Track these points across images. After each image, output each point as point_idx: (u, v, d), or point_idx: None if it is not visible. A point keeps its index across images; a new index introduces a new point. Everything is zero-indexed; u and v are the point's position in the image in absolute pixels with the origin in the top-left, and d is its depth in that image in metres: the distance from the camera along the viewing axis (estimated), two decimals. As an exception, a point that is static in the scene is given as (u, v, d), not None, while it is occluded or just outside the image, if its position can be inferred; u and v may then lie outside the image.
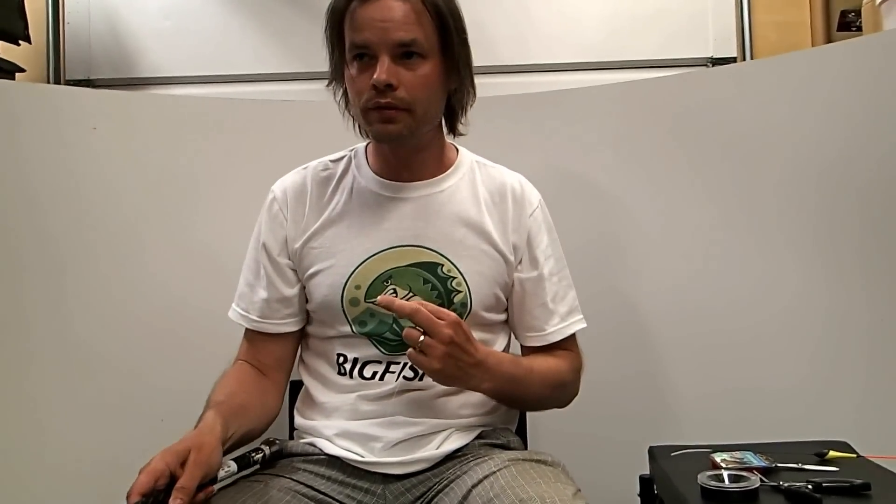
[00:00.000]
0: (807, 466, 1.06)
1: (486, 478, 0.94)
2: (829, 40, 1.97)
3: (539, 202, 1.14)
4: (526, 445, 1.19)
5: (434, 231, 1.07)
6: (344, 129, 1.11)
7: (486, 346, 1.01)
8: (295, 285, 1.11)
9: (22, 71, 1.77)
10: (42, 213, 1.44)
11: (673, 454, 1.16)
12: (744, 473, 0.99)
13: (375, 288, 1.05)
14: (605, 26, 2.04)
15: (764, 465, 1.06)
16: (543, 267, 1.11)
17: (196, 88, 2.05)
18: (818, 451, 1.11)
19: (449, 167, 1.12)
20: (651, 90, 1.56)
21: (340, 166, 1.14)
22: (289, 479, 0.99)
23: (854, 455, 1.11)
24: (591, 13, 2.05)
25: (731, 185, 1.48)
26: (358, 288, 1.05)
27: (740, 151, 1.47)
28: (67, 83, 2.06)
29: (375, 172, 1.11)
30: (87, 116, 1.49)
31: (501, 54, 2.00)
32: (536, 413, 1.23)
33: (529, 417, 1.25)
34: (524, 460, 0.98)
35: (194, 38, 2.08)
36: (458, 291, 1.06)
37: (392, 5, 0.98)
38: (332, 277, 1.06)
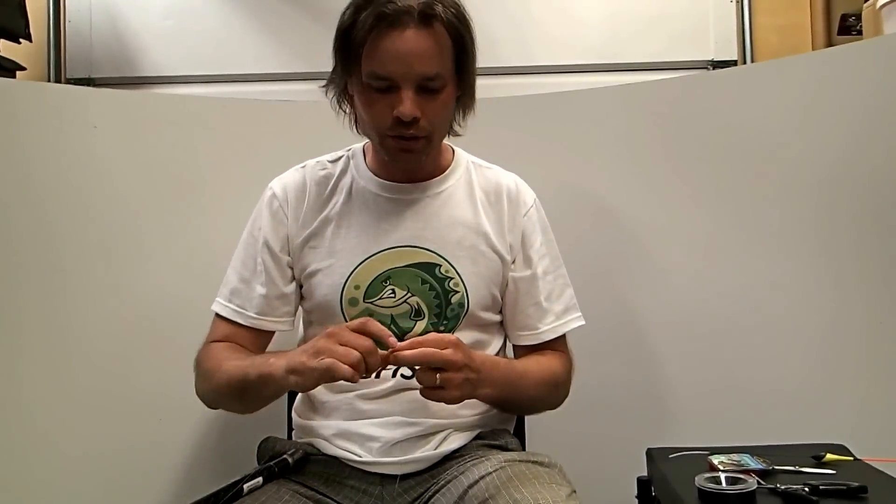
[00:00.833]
0: (804, 469, 1.06)
1: (482, 479, 0.94)
2: (829, 44, 1.96)
3: (534, 202, 1.15)
4: (524, 446, 1.19)
5: (432, 232, 1.08)
6: (344, 129, 1.11)
7: (479, 353, 1.01)
8: (291, 283, 1.11)
9: (23, 69, 1.77)
10: (42, 211, 1.44)
11: (670, 456, 1.16)
12: (741, 476, 1.00)
13: (374, 288, 1.05)
14: (606, 29, 2.04)
15: (761, 467, 1.06)
16: (537, 266, 1.11)
17: (197, 88, 2.05)
18: (815, 454, 1.11)
19: (446, 168, 1.13)
20: (652, 92, 1.56)
21: (338, 166, 1.14)
22: (287, 478, 1.00)
23: (851, 458, 1.12)
24: (592, 15, 2.05)
25: (731, 187, 1.48)
26: (357, 288, 1.05)
27: (740, 154, 1.47)
28: (68, 82, 2.06)
29: (374, 173, 1.11)
30: (88, 115, 1.49)
31: (503, 56, 2.00)
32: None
33: (528, 419, 1.25)
34: (521, 461, 0.98)
35: (195, 37, 2.08)
36: (456, 292, 1.06)
37: (416, 36, 0.95)
38: (332, 277, 1.07)
